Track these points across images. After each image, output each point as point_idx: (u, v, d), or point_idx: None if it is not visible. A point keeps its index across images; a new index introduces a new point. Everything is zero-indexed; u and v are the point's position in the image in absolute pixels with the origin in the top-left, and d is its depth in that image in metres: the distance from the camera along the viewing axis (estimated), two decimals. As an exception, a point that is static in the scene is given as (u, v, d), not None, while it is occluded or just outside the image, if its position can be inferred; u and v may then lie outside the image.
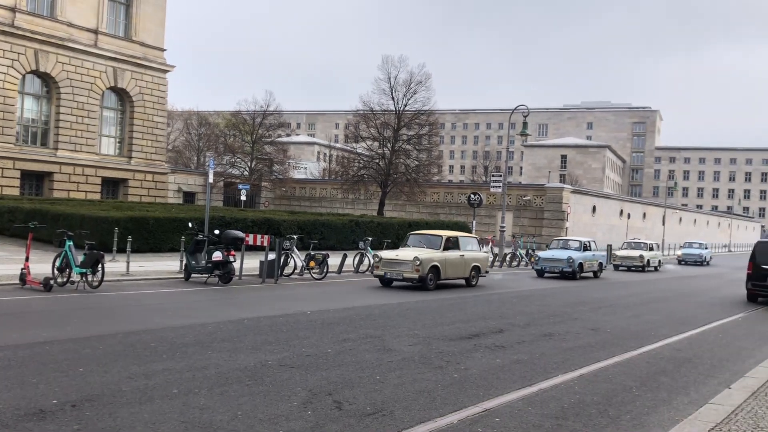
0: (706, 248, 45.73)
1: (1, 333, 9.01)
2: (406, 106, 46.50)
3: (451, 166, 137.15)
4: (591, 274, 26.37)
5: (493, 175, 38.57)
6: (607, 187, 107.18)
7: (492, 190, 36.62)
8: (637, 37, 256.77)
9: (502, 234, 33.12)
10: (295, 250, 19.24)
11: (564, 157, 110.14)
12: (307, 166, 79.28)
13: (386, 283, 18.12)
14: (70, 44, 39.46)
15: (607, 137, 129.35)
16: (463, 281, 19.58)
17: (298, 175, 68.05)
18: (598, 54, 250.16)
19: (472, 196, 36.12)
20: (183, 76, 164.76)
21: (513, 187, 50.62)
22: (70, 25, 39.73)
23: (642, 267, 32.95)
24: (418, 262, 17.29)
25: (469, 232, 35.12)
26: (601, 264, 27.14)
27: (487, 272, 20.75)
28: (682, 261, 43.37)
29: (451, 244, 18.97)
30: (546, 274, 25.03)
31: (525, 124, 33.01)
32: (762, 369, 9.02)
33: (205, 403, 6.27)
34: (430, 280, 17.64)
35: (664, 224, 59.97)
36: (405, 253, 17.94)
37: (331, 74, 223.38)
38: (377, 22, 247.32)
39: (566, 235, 42.78)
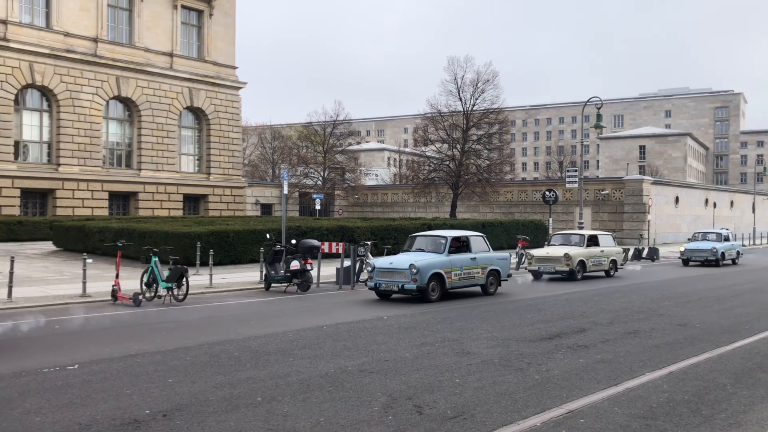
0: None
1: (96, 347, 9.49)
2: (474, 105, 46.14)
3: (524, 164, 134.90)
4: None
5: (568, 171, 37.69)
6: (689, 176, 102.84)
7: (568, 185, 35.82)
8: (714, 19, 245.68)
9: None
10: (370, 255, 19.38)
11: (642, 148, 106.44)
12: (378, 173, 79.82)
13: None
14: (148, 68, 41.28)
15: (687, 125, 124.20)
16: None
17: (369, 181, 68.62)
18: (673, 40, 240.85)
19: (547, 193, 35.40)
20: (255, 91, 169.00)
21: (590, 182, 49.27)
22: (147, 50, 41.56)
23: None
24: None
25: (546, 230, 34.47)
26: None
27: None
28: None
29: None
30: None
31: (599, 116, 32.11)
32: None
33: (288, 410, 6.40)
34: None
35: (754, 212, 56.95)
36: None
37: (398, 79, 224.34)
38: (441, 24, 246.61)
39: (647, 228, 41.45)
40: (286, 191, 21.12)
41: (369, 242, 20.31)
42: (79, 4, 38.43)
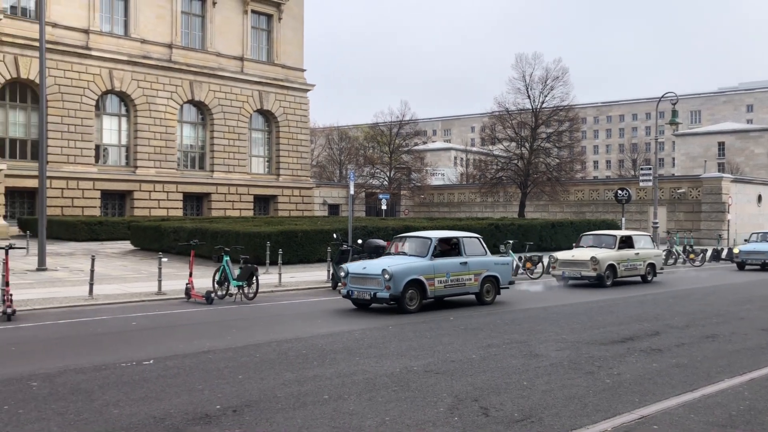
0: None
1: (170, 343, 9.83)
2: (543, 103, 45.40)
3: (596, 162, 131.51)
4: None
5: (641, 169, 36.55)
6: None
7: (641, 184, 34.72)
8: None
9: (655, 230, 31.27)
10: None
11: (721, 145, 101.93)
12: (444, 172, 79.49)
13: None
14: (220, 73, 42.49)
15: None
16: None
17: (435, 181, 68.39)
18: (753, 31, 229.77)
19: (620, 191, 34.39)
20: (323, 92, 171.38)
21: (665, 180, 47.57)
22: (219, 54, 42.78)
23: None
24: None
25: (618, 230, 33.46)
26: None
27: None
28: None
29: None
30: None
31: (674, 112, 30.97)
32: None
33: (354, 408, 6.45)
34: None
35: None
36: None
37: (464, 78, 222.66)
38: (508, 21, 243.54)
39: (727, 228, 39.68)
40: (352, 191, 21.31)
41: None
42: (155, 12, 39.92)
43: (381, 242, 17.72)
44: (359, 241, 17.73)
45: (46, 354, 9.02)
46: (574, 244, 21.71)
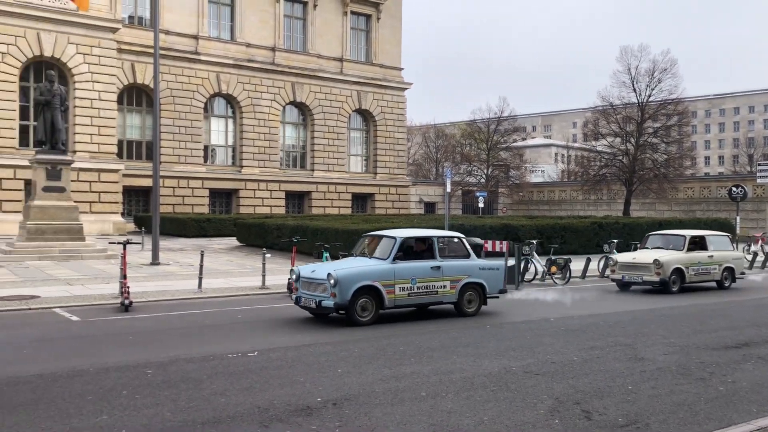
0: None
1: (273, 336, 10.17)
2: (650, 97, 43.50)
3: (707, 158, 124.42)
4: None
5: (759, 164, 34.30)
6: None
7: (759, 180, 32.65)
8: None
9: (774, 230, 29.23)
10: (535, 255, 18.92)
11: None
12: (544, 169, 77.73)
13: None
14: (321, 74, 43.51)
15: None
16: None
17: (535, 178, 67.02)
18: None
19: (734, 189, 32.41)
20: (419, 90, 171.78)
21: (785, 176, 44.34)
22: (320, 56, 43.80)
23: None
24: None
25: (732, 230, 31.56)
26: None
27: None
28: None
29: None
30: None
31: (796, 104, 28.84)
32: None
33: (452, 407, 6.43)
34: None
35: None
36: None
37: (565, 72, 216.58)
38: (610, 12, 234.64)
39: None
40: (449, 189, 21.26)
41: (534, 241, 19.83)
42: (258, 16, 41.39)
43: (479, 241, 17.51)
44: (456, 239, 17.60)
45: (160, 343, 9.56)
46: (638, 245, 19.79)
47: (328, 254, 15.28)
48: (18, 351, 8.95)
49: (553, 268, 18.29)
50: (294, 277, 11.88)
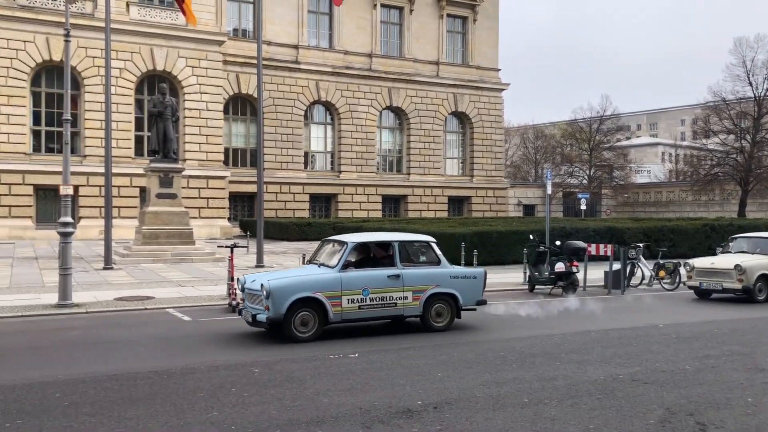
0: None
1: (374, 338, 10.29)
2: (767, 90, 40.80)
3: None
4: None
5: None
6: None
7: None
8: None
9: None
10: (642, 259, 18.14)
11: None
12: (651, 169, 74.47)
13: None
14: (417, 78, 43.72)
15: None
16: None
17: (640, 179, 64.33)
18: None
19: None
20: (518, 91, 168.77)
21: None
22: (416, 60, 44.02)
23: None
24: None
25: None
26: None
27: None
28: None
29: None
30: None
31: None
32: None
33: (556, 414, 6.27)
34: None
35: None
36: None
37: (672, 68, 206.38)
38: (722, 1, 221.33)
39: None
40: (549, 191, 20.75)
41: (641, 244, 19.01)
42: (356, 23, 42.13)
43: (581, 244, 17.04)
44: (557, 243, 17.18)
45: (265, 343, 9.89)
46: (719, 248, 17.78)
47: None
48: (136, 348, 9.53)
49: (662, 273, 17.47)
50: (239, 286, 10.85)
